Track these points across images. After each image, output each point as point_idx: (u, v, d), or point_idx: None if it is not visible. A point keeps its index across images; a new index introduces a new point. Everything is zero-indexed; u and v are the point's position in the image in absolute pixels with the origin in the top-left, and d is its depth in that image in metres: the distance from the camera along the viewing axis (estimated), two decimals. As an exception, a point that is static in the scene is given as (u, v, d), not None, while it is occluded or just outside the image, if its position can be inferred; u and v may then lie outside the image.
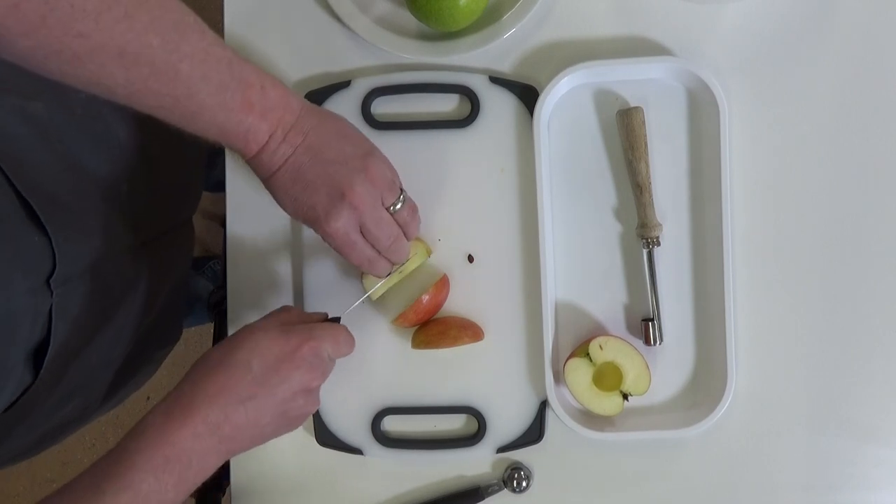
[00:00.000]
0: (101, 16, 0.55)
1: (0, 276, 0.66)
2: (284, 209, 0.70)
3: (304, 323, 0.71)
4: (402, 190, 0.72)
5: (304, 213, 0.69)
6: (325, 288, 0.82)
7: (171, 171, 0.94)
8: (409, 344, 0.81)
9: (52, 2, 0.53)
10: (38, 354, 0.72)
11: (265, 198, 0.84)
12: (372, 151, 0.70)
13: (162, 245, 0.91)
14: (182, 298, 1.08)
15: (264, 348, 0.66)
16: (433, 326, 0.79)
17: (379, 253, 0.72)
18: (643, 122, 0.78)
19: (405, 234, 0.73)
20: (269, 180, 0.69)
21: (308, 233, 0.81)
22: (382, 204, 0.70)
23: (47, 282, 0.71)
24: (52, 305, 0.71)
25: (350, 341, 0.72)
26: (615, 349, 0.78)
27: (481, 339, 0.80)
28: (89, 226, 0.78)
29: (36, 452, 0.85)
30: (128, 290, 0.85)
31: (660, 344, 0.79)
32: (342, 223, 0.68)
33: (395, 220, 0.72)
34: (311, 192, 0.68)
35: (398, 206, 0.71)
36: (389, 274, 0.76)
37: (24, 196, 0.69)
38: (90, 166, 0.80)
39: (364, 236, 0.70)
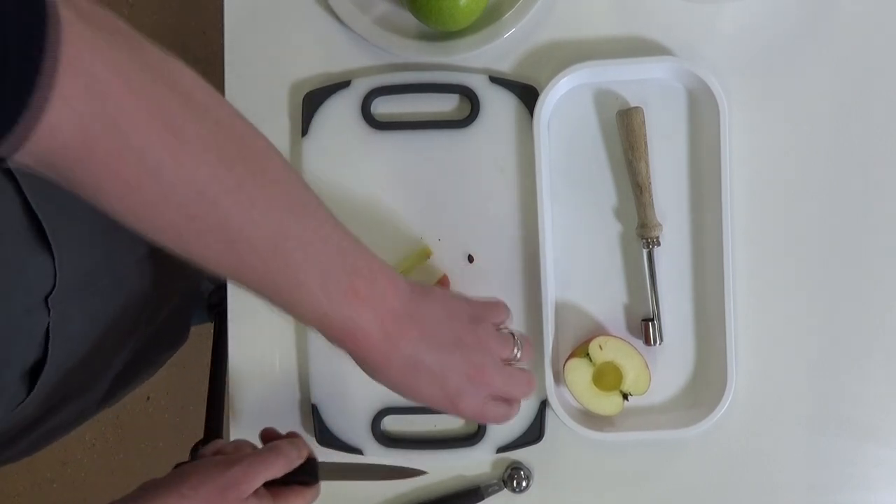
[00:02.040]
0: (220, 198, 0.49)
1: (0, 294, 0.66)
2: (402, 394, 0.65)
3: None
4: (513, 334, 0.68)
5: (432, 399, 0.64)
6: (325, 288, 0.82)
7: None
8: (409, 344, 0.80)
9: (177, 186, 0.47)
10: (33, 372, 0.71)
11: (265, 198, 0.84)
12: (478, 315, 0.66)
13: (168, 256, 0.91)
14: (192, 303, 1.07)
15: None
16: (433, 326, 0.79)
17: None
18: (643, 122, 0.78)
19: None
20: (381, 372, 0.63)
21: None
22: (504, 361, 0.66)
23: (45, 299, 0.70)
24: (49, 324, 0.70)
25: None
26: (615, 349, 0.78)
27: (481, 339, 0.80)
28: (96, 236, 0.77)
29: (29, 455, 0.85)
30: (132, 299, 0.84)
31: (660, 344, 0.79)
32: (473, 401, 0.64)
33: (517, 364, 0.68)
34: (438, 381, 0.63)
35: (517, 355, 0.67)
36: None
37: (34, 210, 0.68)
38: None
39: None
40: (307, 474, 0.70)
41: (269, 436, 0.72)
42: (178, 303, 0.97)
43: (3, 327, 0.66)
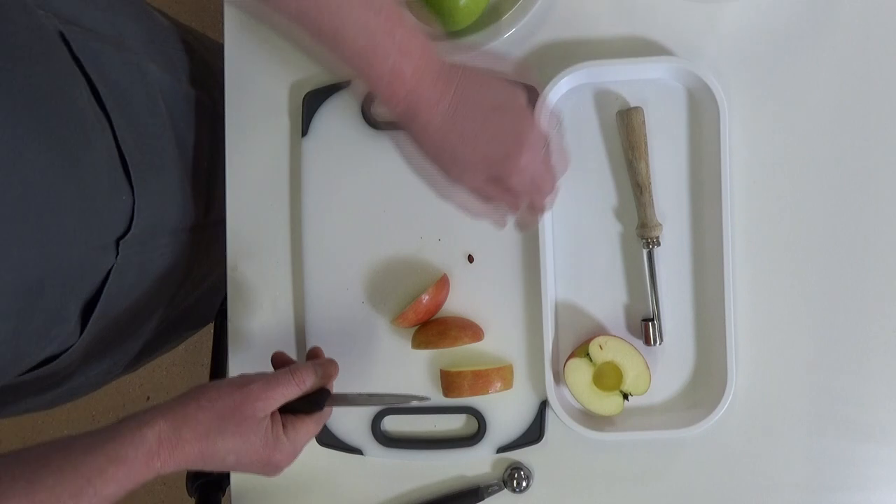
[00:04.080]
0: None
1: (82, 227, 0.67)
2: (443, 154, 0.65)
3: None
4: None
5: (486, 156, 0.65)
6: (325, 287, 0.82)
7: None
8: (409, 344, 0.81)
9: None
10: (87, 312, 0.73)
11: (265, 196, 0.84)
12: (518, 92, 0.68)
13: (223, 230, 0.92)
14: (224, 287, 1.08)
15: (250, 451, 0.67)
16: (433, 326, 0.79)
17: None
18: (643, 122, 0.78)
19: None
20: (427, 122, 0.64)
21: (308, 232, 0.82)
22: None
23: (116, 241, 0.72)
24: (112, 265, 0.72)
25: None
26: (615, 349, 0.78)
27: (481, 339, 0.80)
28: (170, 193, 0.79)
29: (50, 407, 0.86)
30: (181, 267, 0.86)
31: (660, 344, 0.79)
32: (522, 170, 0.66)
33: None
34: (488, 132, 0.65)
35: (549, 144, 0.70)
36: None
37: (122, 152, 0.71)
38: (187, 136, 0.82)
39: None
40: (313, 403, 0.70)
41: (279, 358, 0.74)
42: (215, 283, 0.98)
43: (77, 257, 0.68)
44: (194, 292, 0.95)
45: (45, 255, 0.64)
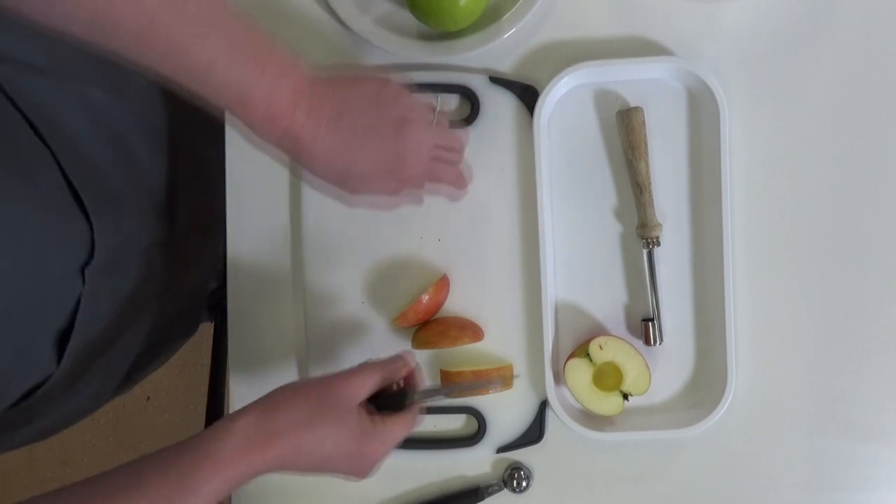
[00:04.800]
0: None
1: (40, 258, 0.67)
2: (347, 178, 0.66)
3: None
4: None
5: (379, 164, 0.66)
6: (325, 286, 0.82)
7: (214, 167, 0.95)
8: (410, 344, 0.81)
9: None
10: (62, 342, 0.72)
11: (264, 197, 0.84)
12: (385, 82, 0.69)
13: (194, 240, 0.92)
14: (206, 293, 1.08)
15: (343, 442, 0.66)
16: (433, 326, 0.79)
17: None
18: (643, 122, 0.78)
19: None
20: (316, 150, 0.64)
21: (309, 232, 0.82)
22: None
23: (81, 269, 0.71)
24: (81, 293, 0.71)
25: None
26: (615, 349, 0.78)
27: (481, 339, 0.80)
28: (128, 215, 0.78)
29: (43, 438, 0.86)
30: (156, 283, 0.85)
31: (660, 344, 0.79)
32: (419, 158, 0.67)
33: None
34: (370, 139, 0.65)
35: (434, 119, 0.71)
36: None
37: (71, 182, 0.70)
38: (138, 155, 0.81)
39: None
40: (399, 400, 0.69)
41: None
42: (195, 292, 0.98)
43: (40, 287, 0.68)
44: (179, 301, 0.94)
45: (2, 291, 0.64)
